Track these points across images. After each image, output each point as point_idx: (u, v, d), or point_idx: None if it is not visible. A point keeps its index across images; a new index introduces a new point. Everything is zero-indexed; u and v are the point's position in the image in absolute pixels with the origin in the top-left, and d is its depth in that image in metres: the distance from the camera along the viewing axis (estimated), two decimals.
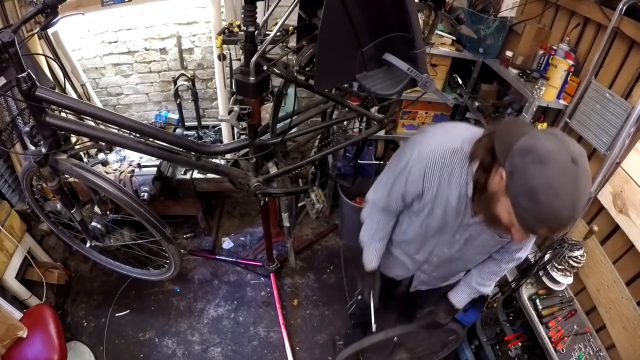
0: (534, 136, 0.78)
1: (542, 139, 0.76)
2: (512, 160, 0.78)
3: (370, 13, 0.98)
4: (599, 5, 1.55)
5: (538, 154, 0.74)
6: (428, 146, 1.01)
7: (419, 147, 1.03)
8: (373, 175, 2.79)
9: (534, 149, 0.75)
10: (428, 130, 1.09)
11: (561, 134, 0.79)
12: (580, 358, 1.50)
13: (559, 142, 0.75)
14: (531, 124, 0.92)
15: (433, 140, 1.02)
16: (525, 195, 0.76)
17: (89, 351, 2.07)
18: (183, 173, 2.22)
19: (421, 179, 1.03)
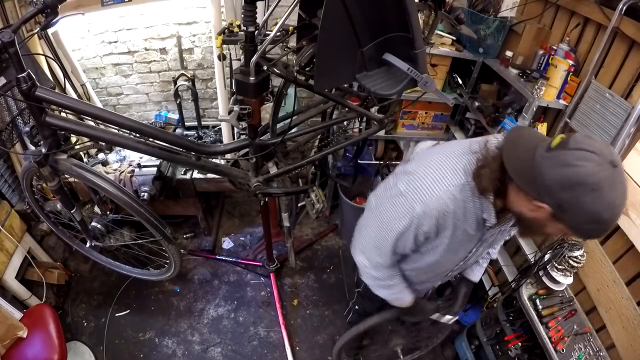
0: (566, 162, 0.71)
1: (578, 163, 0.70)
2: (556, 197, 0.73)
3: (370, 13, 0.98)
4: (599, 5, 1.55)
5: (587, 185, 0.70)
6: (432, 195, 0.90)
7: (421, 200, 0.91)
8: (373, 176, 2.79)
9: (580, 180, 0.70)
10: (417, 174, 0.93)
11: (589, 142, 0.72)
12: (580, 358, 1.50)
13: (592, 154, 0.70)
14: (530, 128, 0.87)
15: (434, 186, 0.90)
16: (589, 221, 0.73)
17: (89, 351, 2.07)
18: (183, 173, 2.22)
19: (433, 229, 0.95)
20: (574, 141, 0.72)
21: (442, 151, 0.96)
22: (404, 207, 0.94)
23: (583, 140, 0.73)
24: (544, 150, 0.75)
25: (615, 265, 1.51)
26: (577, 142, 0.72)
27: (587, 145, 0.71)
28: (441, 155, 0.94)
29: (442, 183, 0.89)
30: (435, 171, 0.91)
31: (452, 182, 0.89)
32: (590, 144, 0.71)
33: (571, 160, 0.71)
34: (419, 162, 0.97)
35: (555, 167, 0.72)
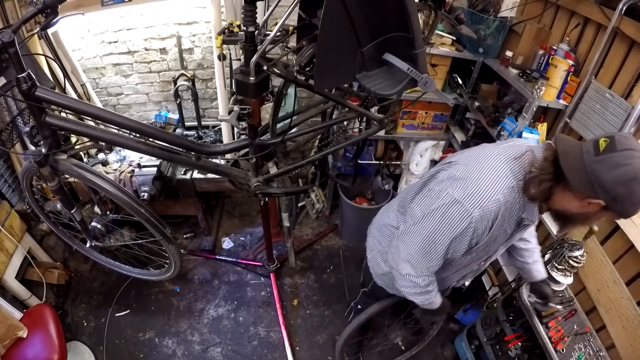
0: (619, 163, 0.82)
1: (628, 162, 0.81)
2: (613, 192, 0.83)
3: (370, 13, 0.98)
4: (599, 5, 1.55)
5: (638, 177, 0.81)
6: (489, 199, 0.95)
7: (479, 204, 0.95)
8: (373, 176, 2.79)
9: (633, 175, 0.81)
10: (470, 179, 0.98)
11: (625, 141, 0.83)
12: (580, 358, 1.50)
13: (635, 151, 0.81)
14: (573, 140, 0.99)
15: (490, 190, 0.95)
16: (637, 204, 0.85)
17: (89, 351, 2.07)
18: (183, 173, 2.22)
19: (487, 232, 1.01)
20: (619, 143, 0.83)
21: (488, 155, 1.01)
22: (460, 213, 0.97)
23: (624, 141, 0.83)
24: (593, 155, 0.85)
25: (615, 265, 1.51)
26: (622, 144, 0.83)
27: (629, 144, 0.82)
28: (490, 160, 1.00)
29: (496, 186, 0.95)
30: (489, 175, 0.97)
31: (505, 185, 0.95)
32: (631, 144, 0.83)
33: (622, 161, 0.82)
34: (468, 168, 1.01)
35: (610, 168, 0.82)
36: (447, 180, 1.04)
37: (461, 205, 0.96)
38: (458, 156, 1.11)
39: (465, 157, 1.07)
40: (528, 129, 1.79)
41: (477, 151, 1.07)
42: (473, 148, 1.13)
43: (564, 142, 0.93)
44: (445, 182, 1.04)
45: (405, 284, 1.16)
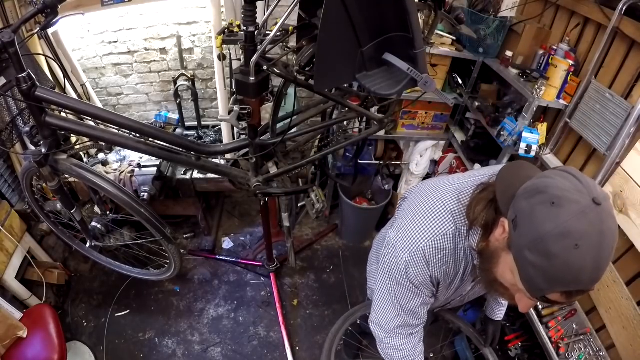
0: (545, 175, 0.65)
1: (554, 177, 0.63)
2: (516, 205, 0.66)
3: (370, 13, 0.98)
4: (599, 5, 1.55)
5: (549, 194, 0.60)
6: (417, 244, 0.85)
7: (408, 247, 0.86)
8: (373, 176, 2.79)
9: (544, 188, 0.62)
10: (403, 224, 0.89)
11: (579, 172, 0.64)
12: (580, 358, 1.50)
13: (577, 180, 0.61)
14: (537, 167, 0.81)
15: (421, 234, 0.85)
16: (533, 246, 0.61)
17: (89, 351, 2.07)
18: (183, 173, 2.22)
19: (427, 279, 0.91)
20: (573, 170, 0.65)
21: (434, 192, 0.90)
22: (392, 255, 0.91)
23: (582, 174, 0.64)
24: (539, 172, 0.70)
25: (615, 265, 1.51)
26: (574, 171, 0.64)
27: (580, 175, 0.63)
28: (431, 199, 0.88)
29: (428, 231, 0.85)
30: (424, 218, 0.86)
31: (440, 231, 0.84)
32: (584, 177, 0.62)
33: (548, 174, 0.65)
34: (409, 207, 0.92)
35: (535, 179, 0.66)
36: (394, 220, 0.97)
37: (393, 249, 0.90)
38: (412, 189, 1.01)
39: (416, 191, 0.97)
40: (528, 129, 1.80)
41: (429, 186, 0.94)
42: (432, 180, 1.02)
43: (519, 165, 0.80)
44: (393, 222, 0.98)
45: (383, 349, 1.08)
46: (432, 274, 0.90)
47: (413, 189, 1.00)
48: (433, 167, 2.79)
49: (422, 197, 0.91)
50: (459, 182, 0.90)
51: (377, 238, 1.44)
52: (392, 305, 0.99)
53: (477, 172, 0.94)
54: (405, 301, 0.97)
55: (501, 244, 0.72)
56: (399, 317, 1.00)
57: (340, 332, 1.39)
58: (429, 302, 1.00)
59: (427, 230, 0.85)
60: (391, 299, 0.98)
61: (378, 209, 2.64)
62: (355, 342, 1.81)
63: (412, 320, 1.01)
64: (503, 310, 1.36)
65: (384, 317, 1.03)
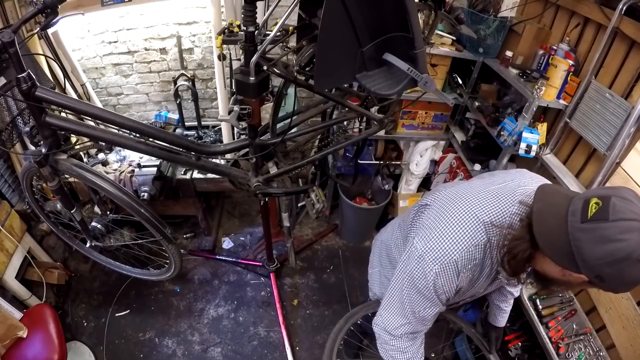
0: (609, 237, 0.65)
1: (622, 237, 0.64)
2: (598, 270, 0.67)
3: (370, 13, 0.98)
4: (599, 5, 1.55)
5: (633, 258, 0.64)
6: (450, 256, 0.85)
7: (439, 259, 0.86)
8: (373, 175, 2.79)
9: (625, 255, 0.64)
10: (435, 231, 0.88)
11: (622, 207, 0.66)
12: (580, 358, 1.50)
13: (635, 222, 0.65)
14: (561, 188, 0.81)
15: (453, 245, 0.85)
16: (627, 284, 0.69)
17: (89, 351, 2.07)
18: (183, 173, 2.21)
19: (452, 290, 0.91)
20: (613, 210, 0.65)
21: (464, 202, 0.89)
22: (420, 268, 0.90)
23: (623, 207, 0.65)
24: (579, 221, 0.67)
25: None
26: (618, 212, 0.65)
27: (628, 213, 0.65)
28: (463, 209, 0.88)
29: (461, 243, 0.85)
30: (456, 229, 0.86)
31: (472, 242, 0.85)
32: (631, 211, 0.65)
33: (614, 235, 0.64)
34: (437, 216, 0.91)
35: (596, 243, 0.66)
36: (417, 227, 0.97)
37: (422, 261, 0.89)
38: (434, 196, 1.01)
39: (440, 200, 0.96)
40: (528, 129, 1.80)
41: (456, 193, 0.94)
42: (457, 185, 1.01)
43: (544, 199, 0.76)
44: (415, 230, 0.97)
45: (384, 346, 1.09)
46: (459, 284, 0.91)
47: (435, 197, 0.99)
48: (433, 167, 2.79)
49: (449, 207, 0.91)
50: (482, 191, 0.91)
51: (378, 241, 1.44)
52: (405, 312, 0.99)
53: (495, 179, 0.95)
54: (421, 309, 0.97)
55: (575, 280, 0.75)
56: (409, 324, 1.01)
57: (342, 331, 1.39)
58: (441, 310, 1.01)
59: (461, 241, 0.85)
60: (405, 306, 0.98)
61: (378, 209, 2.64)
62: (355, 341, 1.81)
63: (420, 327, 1.03)
64: (506, 317, 1.37)
65: (392, 322, 1.03)
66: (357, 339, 1.70)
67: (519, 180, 0.94)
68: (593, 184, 1.56)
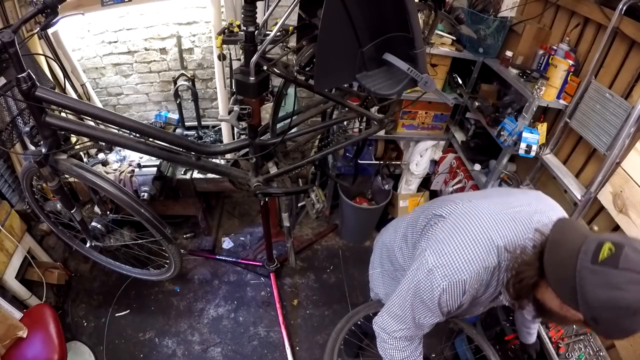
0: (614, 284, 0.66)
1: (626, 287, 0.66)
2: (596, 313, 0.69)
3: (370, 13, 0.97)
4: (599, 5, 1.55)
5: (631, 309, 0.66)
6: (460, 275, 0.87)
7: (449, 276, 0.87)
8: (373, 175, 2.79)
9: (625, 305, 0.66)
10: (448, 247, 0.89)
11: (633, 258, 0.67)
12: (580, 358, 1.50)
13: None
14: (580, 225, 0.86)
15: (465, 265, 0.86)
16: (620, 333, 0.72)
17: (89, 351, 2.07)
18: (183, 173, 2.22)
19: (455, 305, 0.93)
20: (624, 260, 0.66)
21: (481, 221, 0.90)
22: (428, 282, 0.91)
23: (634, 258, 0.66)
24: (589, 261, 0.69)
25: None
26: (628, 262, 0.66)
27: (637, 266, 0.66)
28: (479, 229, 0.88)
29: (473, 264, 0.86)
30: (470, 249, 0.87)
31: (483, 265, 0.86)
32: None
33: (619, 283, 0.66)
34: (452, 231, 0.92)
35: (601, 286, 0.67)
36: (429, 239, 0.97)
37: (431, 275, 0.90)
38: (450, 208, 1.00)
39: (458, 214, 0.96)
40: (528, 129, 1.80)
41: (473, 210, 0.94)
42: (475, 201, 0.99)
43: (562, 231, 0.78)
44: (428, 241, 0.98)
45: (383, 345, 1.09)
46: (463, 301, 0.93)
47: (451, 210, 0.99)
48: (433, 167, 2.79)
49: (465, 224, 0.92)
50: (500, 212, 0.91)
51: (379, 242, 1.43)
52: (405, 318, 1.01)
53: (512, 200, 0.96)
54: (421, 318, 0.99)
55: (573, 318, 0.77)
56: (407, 329, 1.02)
57: (343, 331, 1.39)
58: (441, 320, 1.02)
59: (472, 263, 0.86)
60: (407, 313, 1.00)
61: (378, 209, 2.64)
62: (356, 341, 1.81)
63: (418, 332, 1.05)
64: (534, 333, 1.42)
65: (391, 325, 1.04)
66: (358, 339, 1.70)
67: (536, 205, 0.94)
68: (593, 184, 1.56)
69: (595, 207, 1.64)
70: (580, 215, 1.67)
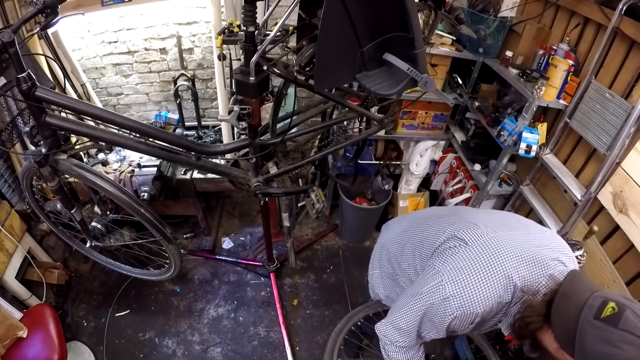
0: (611, 341, 0.72)
1: (621, 346, 0.71)
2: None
3: (370, 13, 0.97)
4: (599, 5, 1.55)
5: None
6: (475, 309, 0.91)
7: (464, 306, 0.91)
8: (373, 175, 2.79)
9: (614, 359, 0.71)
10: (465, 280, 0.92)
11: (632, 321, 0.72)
12: None
13: (638, 339, 0.71)
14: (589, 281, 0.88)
15: (481, 298, 0.90)
16: None
17: (89, 351, 2.07)
18: (183, 173, 2.22)
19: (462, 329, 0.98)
20: (624, 321, 0.72)
21: (504, 256, 0.92)
22: (443, 308, 0.94)
23: (633, 321, 0.72)
24: (592, 316, 0.74)
25: (615, 265, 1.51)
26: (627, 323, 0.71)
27: (635, 329, 0.71)
28: (500, 264, 0.91)
29: (489, 298, 0.90)
30: (489, 284, 0.90)
31: (498, 300, 0.90)
32: (638, 328, 0.71)
33: (615, 341, 0.71)
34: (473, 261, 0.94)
35: (598, 341, 0.73)
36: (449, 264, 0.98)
37: (447, 302, 0.93)
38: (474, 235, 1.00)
39: (482, 244, 0.97)
40: (528, 129, 1.80)
41: (497, 243, 0.95)
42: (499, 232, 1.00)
43: (572, 284, 0.84)
44: (445, 264, 0.99)
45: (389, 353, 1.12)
46: (470, 327, 0.97)
47: (475, 237, 1.00)
48: (433, 167, 2.79)
49: (487, 257, 0.93)
50: (521, 250, 0.93)
51: (378, 244, 1.42)
52: (411, 333, 1.04)
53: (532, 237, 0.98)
54: (425, 332, 1.03)
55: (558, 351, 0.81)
56: (411, 341, 1.06)
57: (343, 331, 1.39)
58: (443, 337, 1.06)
59: (489, 299, 0.90)
60: (413, 329, 1.03)
61: (378, 209, 2.64)
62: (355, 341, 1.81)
63: (420, 341, 1.08)
64: None
65: (395, 337, 1.07)
66: (358, 339, 1.70)
67: (554, 248, 0.97)
68: (593, 184, 1.56)
69: (595, 207, 1.64)
70: (580, 215, 1.67)
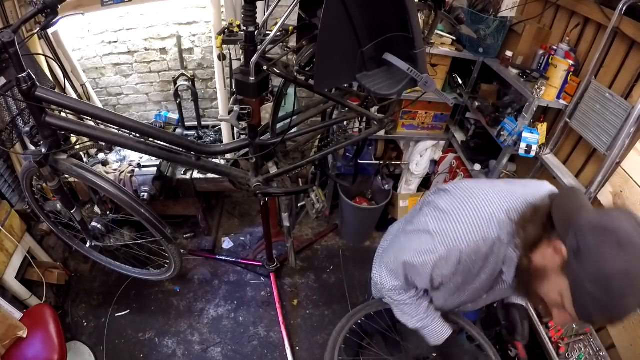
0: (609, 214, 0.70)
1: (620, 219, 0.68)
2: (581, 238, 0.68)
3: (370, 13, 0.98)
4: (599, 5, 1.55)
5: (617, 236, 0.65)
6: (458, 244, 0.87)
7: (447, 243, 0.88)
8: (373, 175, 2.79)
9: (612, 229, 0.66)
10: (450, 216, 0.90)
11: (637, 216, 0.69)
12: (580, 358, 1.50)
13: (638, 225, 0.67)
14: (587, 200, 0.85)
15: (463, 234, 0.87)
16: (595, 281, 0.66)
17: (89, 351, 2.07)
18: (183, 173, 2.22)
19: (449, 275, 0.95)
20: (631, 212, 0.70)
21: (484, 196, 0.90)
22: (427, 244, 0.92)
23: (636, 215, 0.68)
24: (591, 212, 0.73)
25: None
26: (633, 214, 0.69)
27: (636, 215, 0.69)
28: (481, 202, 0.88)
29: (472, 234, 0.86)
30: (471, 219, 0.87)
31: (482, 235, 0.86)
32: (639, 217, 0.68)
33: (615, 214, 0.69)
34: (455, 202, 0.92)
35: (597, 214, 0.71)
36: (433, 207, 0.97)
37: (431, 238, 0.92)
38: (455, 185, 1.01)
39: (462, 188, 0.96)
40: (528, 129, 1.80)
41: (478, 186, 0.94)
42: (478, 181, 1.01)
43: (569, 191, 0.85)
44: (429, 206, 0.99)
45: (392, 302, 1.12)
46: (456, 272, 0.93)
47: (456, 185, 1.00)
48: (433, 167, 2.79)
49: (468, 196, 0.92)
50: (506, 191, 0.90)
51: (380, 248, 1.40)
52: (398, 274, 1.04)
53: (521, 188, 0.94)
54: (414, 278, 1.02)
55: (552, 265, 0.76)
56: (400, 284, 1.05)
57: (345, 330, 1.39)
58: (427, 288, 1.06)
59: (472, 232, 0.86)
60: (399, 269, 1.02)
61: (378, 209, 2.64)
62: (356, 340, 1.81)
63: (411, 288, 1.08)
64: None
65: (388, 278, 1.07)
66: (358, 338, 1.70)
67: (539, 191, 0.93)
68: (593, 184, 1.56)
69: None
70: None
